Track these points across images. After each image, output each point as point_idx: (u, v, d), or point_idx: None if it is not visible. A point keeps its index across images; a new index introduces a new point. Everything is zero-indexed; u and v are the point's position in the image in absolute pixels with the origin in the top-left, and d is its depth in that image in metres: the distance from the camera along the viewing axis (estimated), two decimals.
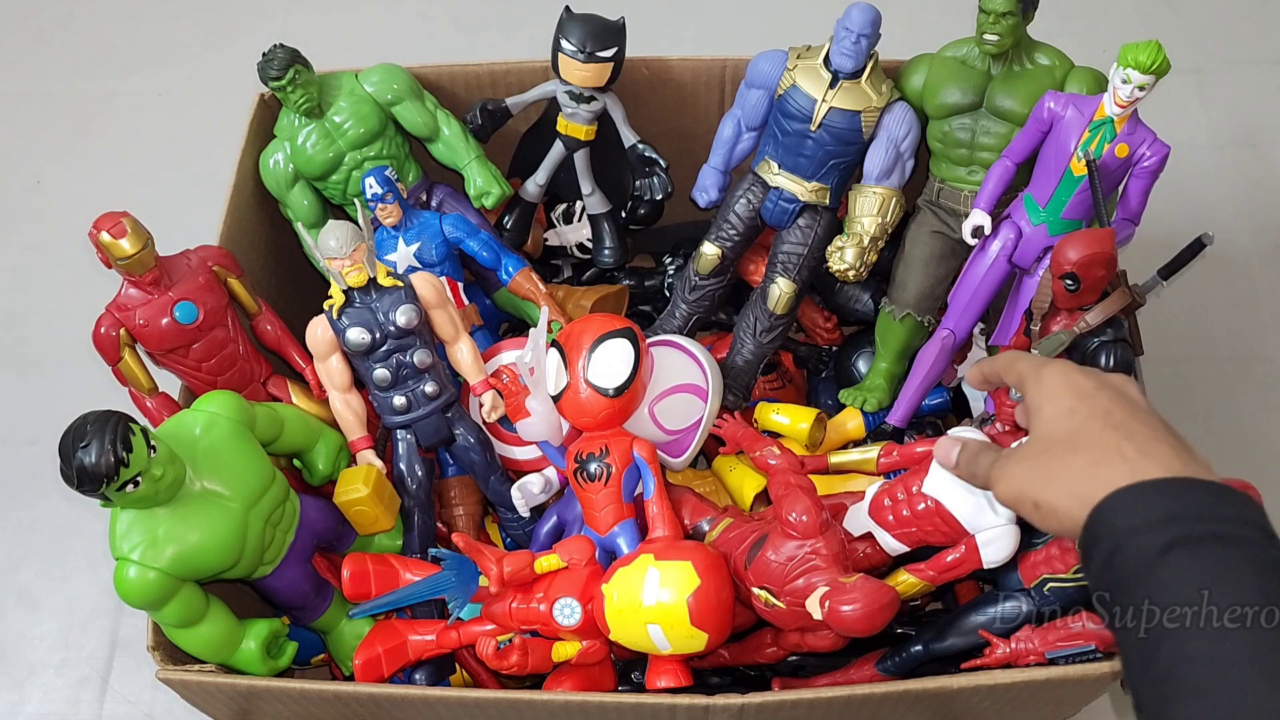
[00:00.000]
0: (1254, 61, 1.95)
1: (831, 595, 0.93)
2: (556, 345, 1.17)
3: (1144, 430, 0.66)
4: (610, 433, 1.13)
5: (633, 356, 1.13)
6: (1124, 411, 0.68)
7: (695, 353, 1.23)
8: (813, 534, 0.99)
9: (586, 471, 1.11)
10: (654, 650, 1.01)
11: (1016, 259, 1.19)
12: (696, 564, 0.99)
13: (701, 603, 0.97)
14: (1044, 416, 0.71)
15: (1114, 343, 1.05)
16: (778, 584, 0.99)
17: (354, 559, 1.13)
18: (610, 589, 1.00)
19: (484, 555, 1.07)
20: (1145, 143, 1.10)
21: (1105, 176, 1.11)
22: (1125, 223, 1.17)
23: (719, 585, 0.99)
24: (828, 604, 0.93)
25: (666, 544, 1.04)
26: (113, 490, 0.93)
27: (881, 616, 0.92)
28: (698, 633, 0.98)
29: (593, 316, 1.22)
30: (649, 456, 1.11)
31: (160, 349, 1.17)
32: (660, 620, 0.97)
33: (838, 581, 0.95)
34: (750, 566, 1.02)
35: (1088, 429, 0.67)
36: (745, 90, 1.28)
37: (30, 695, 1.43)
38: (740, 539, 1.07)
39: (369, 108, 1.29)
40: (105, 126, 1.98)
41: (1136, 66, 1.05)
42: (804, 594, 0.97)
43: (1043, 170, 1.15)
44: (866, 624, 0.92)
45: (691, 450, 1.21)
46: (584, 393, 1.13)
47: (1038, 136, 1.15)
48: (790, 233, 1.28)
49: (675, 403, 1.21)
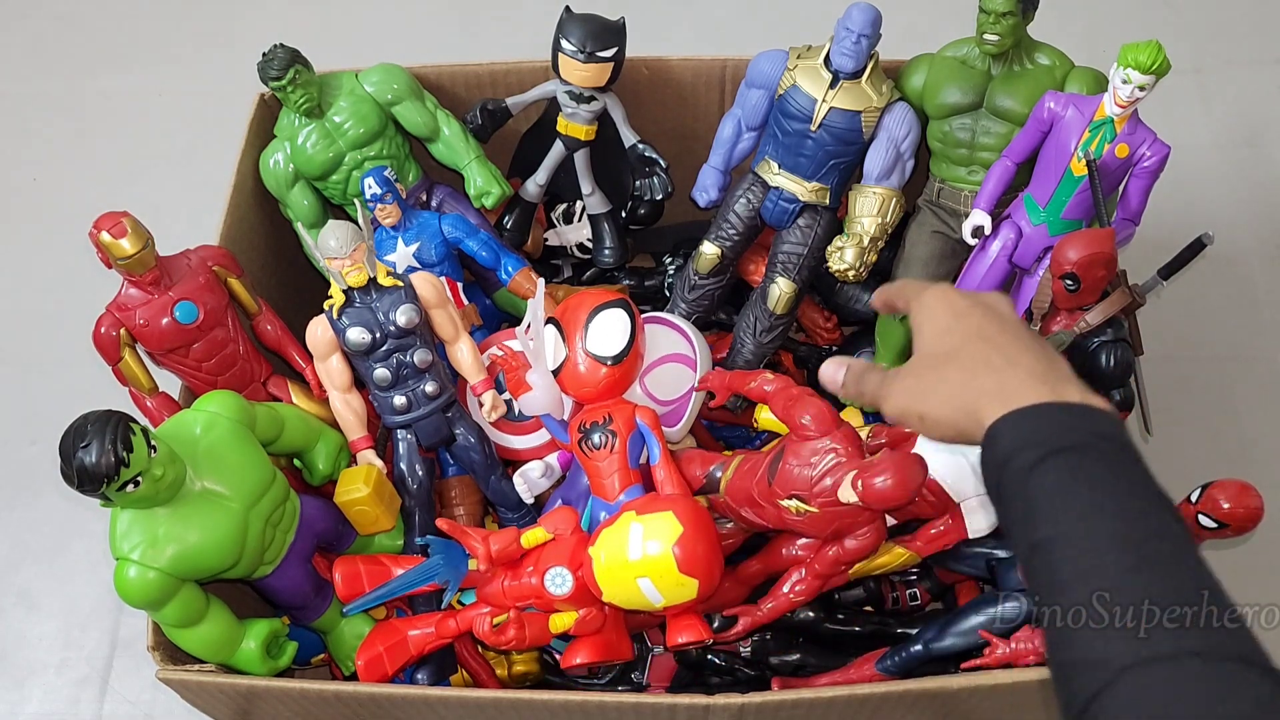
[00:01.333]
0: (1254, 61, 1.95)
1: (861, 474, 0.94)
2: (553, 321, 1.18)
3: (1012, 342, 0.72)
4: (612, 402, 1.14)
5: (629, 325, 1.14)
6: (994, 326, 0.74)
7: (679, 324, 1.24)
8: (828, 429, 1.00)
9: (590, 441, 1.11)
10: (649, 606, 1.01)
11: (1016, 259, 1.19)
12: (678, 513, 0.99)
13: (687, 549, 0.97)
14: (924, 334, 0.77)
15: (1114, 343, 1.05)
16: (805, 489, 0.99)
17: (344, 561, 1.13)
18: (596, 550, 1.01)
19: (468, 535, 1.08)
20: (1145, 143, 1.10)
21: (1105, 176, 1.11)
22: (1125, 223, 1.17)
23: (704, 531, 0.99)
24: (860, 484, 0.93)
25: (648, 499, 1.05)
26: (113, 490, 0.93)
27: (915, 481, 0.92)
28: (688, 580, 0.98)
29: (587, 291, 1.23)
30: (652, 423, 1.12)
31: (160, 349, 1.17)
32: (649, 573, 0.98)
33: (864, 463, 0.96)
34: (775, 481, 1.02)
35: (963, 344, 0.74)
36: (745, 90, 1.28)
37: (30, 695, 1.43)
38: (756, 466, 1.06)
39: (369, 108, 1.29)
40: (105, 126, 1.98)
41: (1136, 66, 1.05)
42: (834, 491, 0.97)
43: (1043, 170, 1.15)
44: (902, 490, 0.91)
45: (687, 418, 1.22)
46: (583, 363, 1.13)
47: (1038, 136, 1.15)
48: (790, 233, 1.28)
49: (665, 373, 1.22)
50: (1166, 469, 1.11)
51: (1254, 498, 0.93)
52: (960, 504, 1.03)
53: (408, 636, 1.13)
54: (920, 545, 1.07)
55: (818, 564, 1.06)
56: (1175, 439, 1.47)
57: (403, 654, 1.12)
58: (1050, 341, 1.06)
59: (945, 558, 1.12)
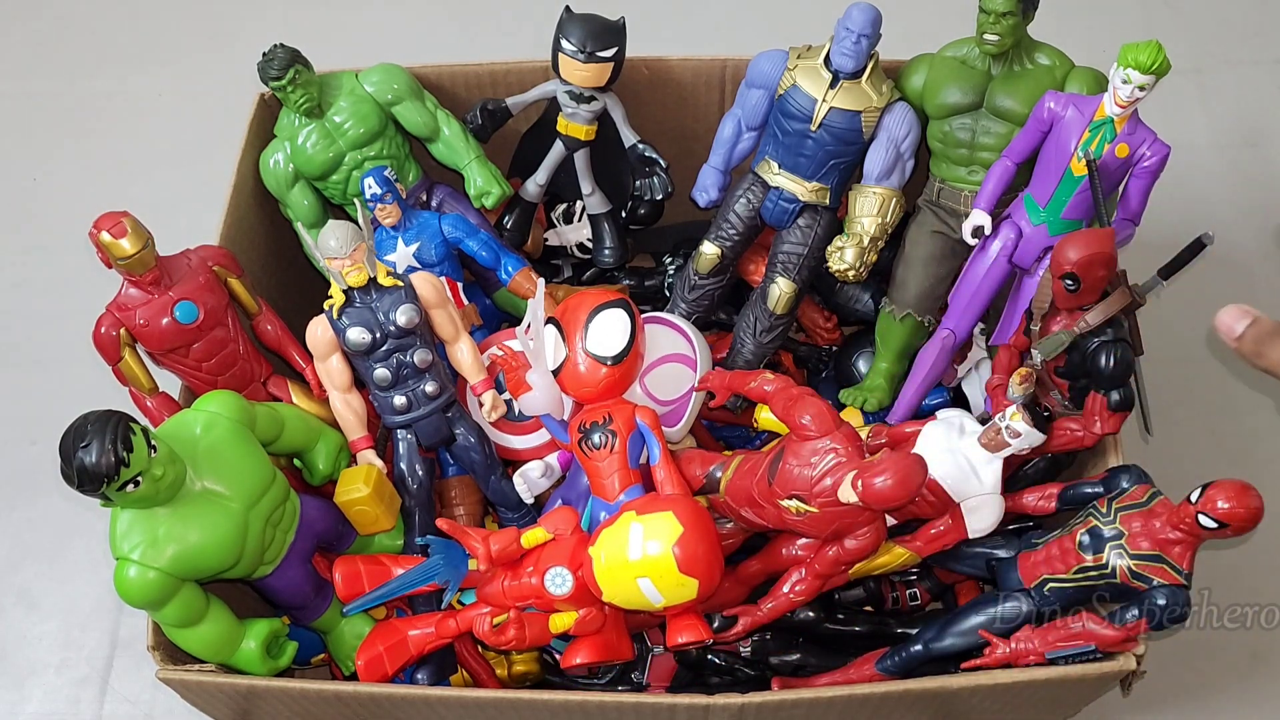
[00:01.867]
0: (1254, 61, 1.95)
1: (861, 474, 0.94)
2: (553, 321, 1.17)
3: None
4: (612, 402, 1.14)
5: (629, 325, 1.14)
6: None
7: (679, 324, 1.24)
8: (828, 429, 1.00)
9: (590, 441, 1.11)
10: (649, 606, 1.01)
11: (1017, 259, 1.19)
12: (678, 513, 0.99)
13: (687, 550, 0.97)
14: None
15: (1114, 342, 1.05)
16: (805, 489, 0.99)
17: (344, 561, 1.13)
18: (597, 550, 1.01)
19: (469, 535, 1.08)
20: (1145, 143, 1.10)
21: (1105, 176, 1.11)
22: (1125, 223, 1.17)
23: (703, 531, 0.99)
24: (860, 484, 0.93)
25: (648, 499, 1.05)
26: (113, 490, 0.93)
27: (914, 480, 0.92)
28: (688, 580, 0.98)
29: (586, 292, 1.22)
30: (652, 423, 1.12)
31: (160, 349, 1.17)
32: (649, 573, 0.98)
33: (864, 463, 0.96)
34: (775, 481, 1.02)
35: None
36: (745, 90, 1.28)
37: (30, 695, 1.43)
38: (756, 466, 1.07)
39: (369, 108, 1.29)
40: (105, 126, 1.98)
41: (1137, 66, 1.05)
42: (834, 491, 0.97)
43: (1043, 170, 1.15)
44: (903, 490, 0.92)
45: (687, 418, 1.22)
46: (583, 363, 1.14)
47: (1038, 136, 1.15)
48: (790, 232, 1.28)
49: (665, 373, 1.23)
50: (1167, 469, 1.12)
51: (1254, 498, 0.93)
52: (960, 504, 1.03)
53: (408, 636, 1.13)
54: (920, 545, 1.07)
55: (818, 564, 1.06)
56: (1175, 439, 1.47)
57: (403, 654, 1.12)
58: (1050, 342, 1.06)
59: (945, 558, 1.12)
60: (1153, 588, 0.96)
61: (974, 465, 1.02)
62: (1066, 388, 1.11)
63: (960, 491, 1.02)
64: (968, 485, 1.02)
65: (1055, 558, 1.03)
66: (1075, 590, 1.02)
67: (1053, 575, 1.03)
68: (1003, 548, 1.09)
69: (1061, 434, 1.11)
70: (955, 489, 1.02)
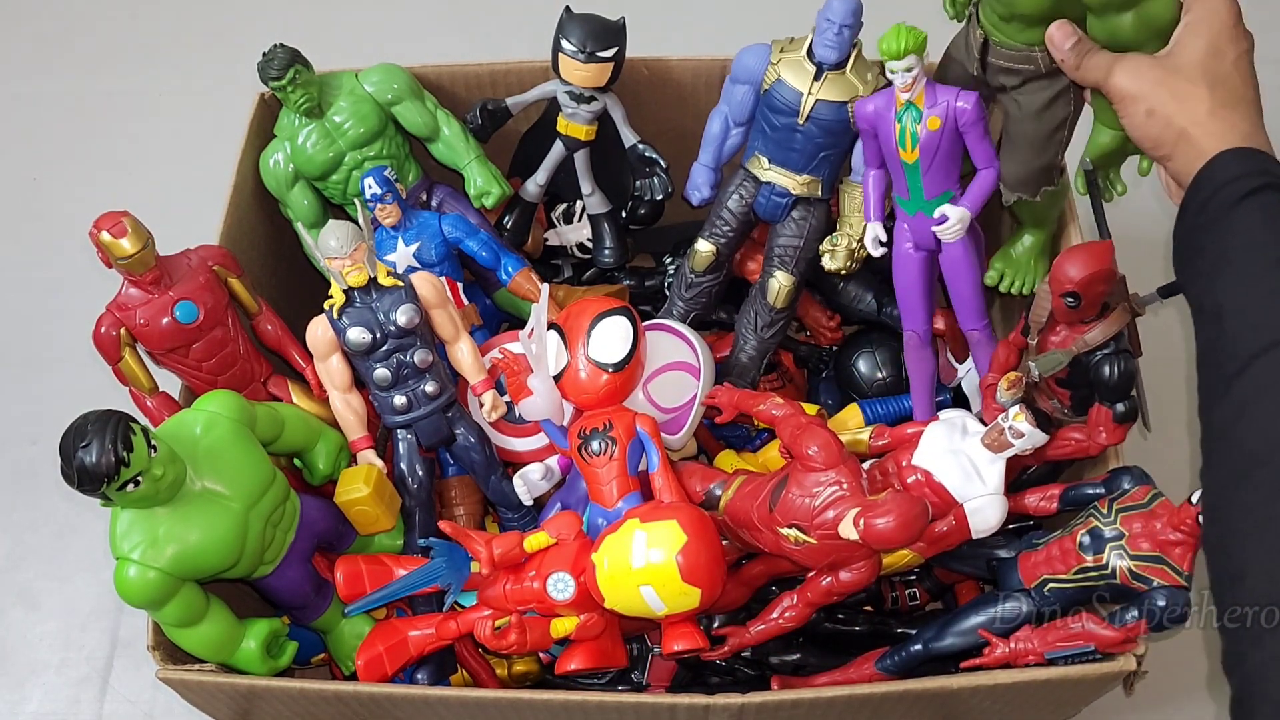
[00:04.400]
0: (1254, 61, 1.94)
1: (864, 513, 0.94)
2: (555, 326, 1.18)
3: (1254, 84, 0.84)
4: (612, 409, 1.14)
5: (631, 332, 1.15)
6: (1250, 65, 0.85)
7: (683, 331, 1.24)
8: (834, 463, 1.00)
9: (590, 447, 1.12)
10: (650, 614, 1.00)
11: (920, 245, 1.18)
12: (682, 521, 0.99)
13: (691, 559, 0.97)
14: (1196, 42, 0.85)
15: (1116, 354, 1.05)
16: (806, 519, 1.00)
17: (346, 561, 1.13)
18: (600, 557, 1.01)
19: (471, 538, 1.08)
20: (949, 103, 1.09)
21: (944, 149, 1.10)
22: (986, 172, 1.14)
23: (707, 541, 0.99)
24: (862, 522, 0.93)
25: (651, 507, 1.05)
26: (113, 490, 0.93)
27: (916, 525, 0.92)
28: (690, 589, 0.98)
29: (589, 298, 1.23)
30: (652, 431, 1.12)
31: (160, 349, 1.17)
32: (652, 581, 0.98)
33: (868, 501, 0.96)
34: (776, 508, 1.02)
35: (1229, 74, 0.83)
36: (731, 86, 1.27)
37: (30, 695, 1.43)
38: (757, 490, 1.07)
39: (369, 107, 1.29)
40: (105, 126, 1.98)
41: (889, 57, 1.06)
42: (835, 525, 0.97)
43: (891, 168, 1.16)
44: (903, 534, 0.92)
45: (689, 426, 1.22)
46: (584, 370, 1.14)
47: (871, 140, 1.15)
48: (785, 226, 1.27)
49: (668, 381, 1.22)
50: (1167, 469, 1.12)
51: None
52: (964, 504, 1.03)
53: (408, 637, 1.13)
54: (923, 545, 1.06)
55: (809, 592, 1.07)
56: (1175, 439, 1.47)
57: (403, 654, 1.12)
58: (1048, 361, 1.05)
59: (945, 557, 1.12)
60: (1153, 589, 0.96)
61: (977, 466, 1.02)
62: (1067, 397, 1.11)
63: (964, 494, 1.02)
64: (971, 486, 1.02)
65: (1056, 558, 1.03)
66: (1075, 590, 1.02)
67: (1053, 575, 1.03)
68: (1003, 548, 1.09)
69: (1065, 444, 1.11)
70: (958, 490, 1.02)
